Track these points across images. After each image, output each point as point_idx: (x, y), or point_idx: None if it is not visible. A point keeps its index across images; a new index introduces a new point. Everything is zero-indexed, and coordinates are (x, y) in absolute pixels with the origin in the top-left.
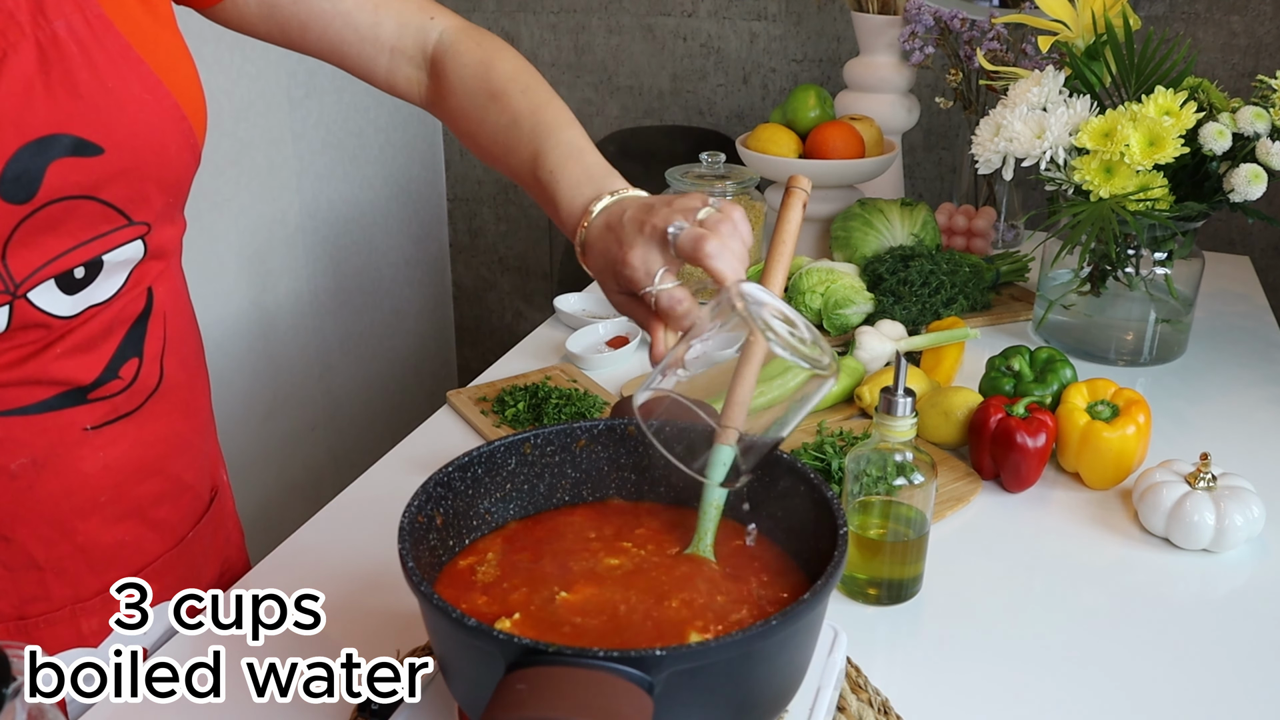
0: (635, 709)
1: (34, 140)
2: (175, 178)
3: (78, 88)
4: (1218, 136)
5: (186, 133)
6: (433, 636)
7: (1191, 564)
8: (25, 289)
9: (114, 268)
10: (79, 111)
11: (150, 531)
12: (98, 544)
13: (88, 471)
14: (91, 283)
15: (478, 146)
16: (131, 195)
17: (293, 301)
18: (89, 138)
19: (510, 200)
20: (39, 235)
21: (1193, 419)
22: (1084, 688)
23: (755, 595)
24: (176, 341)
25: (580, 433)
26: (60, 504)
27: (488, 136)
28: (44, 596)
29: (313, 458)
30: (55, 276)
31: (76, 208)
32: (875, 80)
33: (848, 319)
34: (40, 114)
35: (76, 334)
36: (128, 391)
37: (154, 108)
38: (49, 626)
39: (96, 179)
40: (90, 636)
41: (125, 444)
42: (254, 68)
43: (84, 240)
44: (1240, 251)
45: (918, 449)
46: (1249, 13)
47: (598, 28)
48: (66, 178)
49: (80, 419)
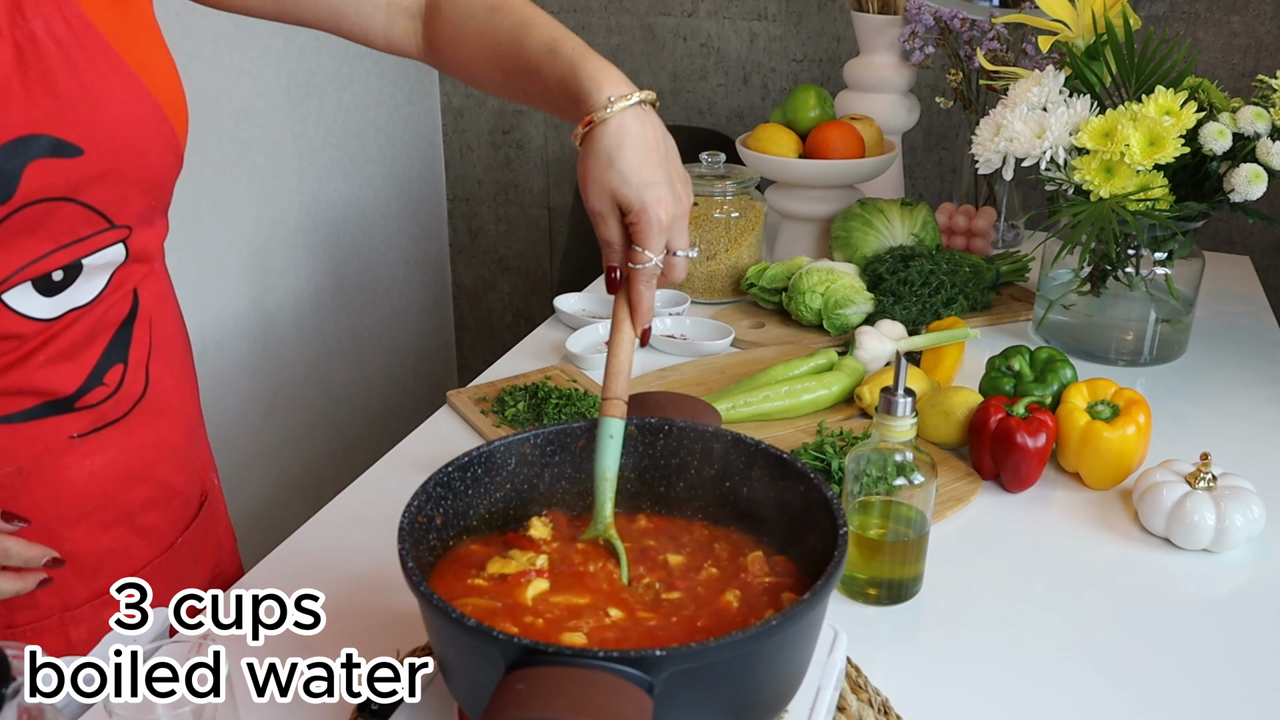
0: (635, 709)
1: (11, 140)
2: (157, 180)
3: (56, 88)
4: (1218, 136)
5: (168, 134)
6: (433, 636)
7: (1192, 564)
8: (1, 290)
9: (94, 270)
10: (57, 112)
11: (138, 538)
12: (86, 552)
13: (74, 479)
14: (70, 285)
15: (480, 64)
16: (112, 197)
17: (293, 301)
18: (68, 138)
19: (510, 200)
20: (17, 237)
21: (1193, 419)
22: (1084, 687)
23: (754, 595)
24: (163, 347)
25: (580, 433)
26: (47, 512)
27: (492, 43)
28: (32, 605)
29: (312, 458)
30: (33, 279)
31: (56, 210)
32: (875, 80)
33: (848, 319)
34: (17, 114)
35: (59, 340)
36: (113, 399)
37: (135, 108)
38: (37, 635)
39: (76, 181)
40: (79, 645)
41: (112, 451)
42: (254, 68)
43: (64, 244)
44: (1240, 251)
45: (918, 449)
46: (1249, 13)
47: (598, 28)
48: (45, 179)
49: (66, 427)
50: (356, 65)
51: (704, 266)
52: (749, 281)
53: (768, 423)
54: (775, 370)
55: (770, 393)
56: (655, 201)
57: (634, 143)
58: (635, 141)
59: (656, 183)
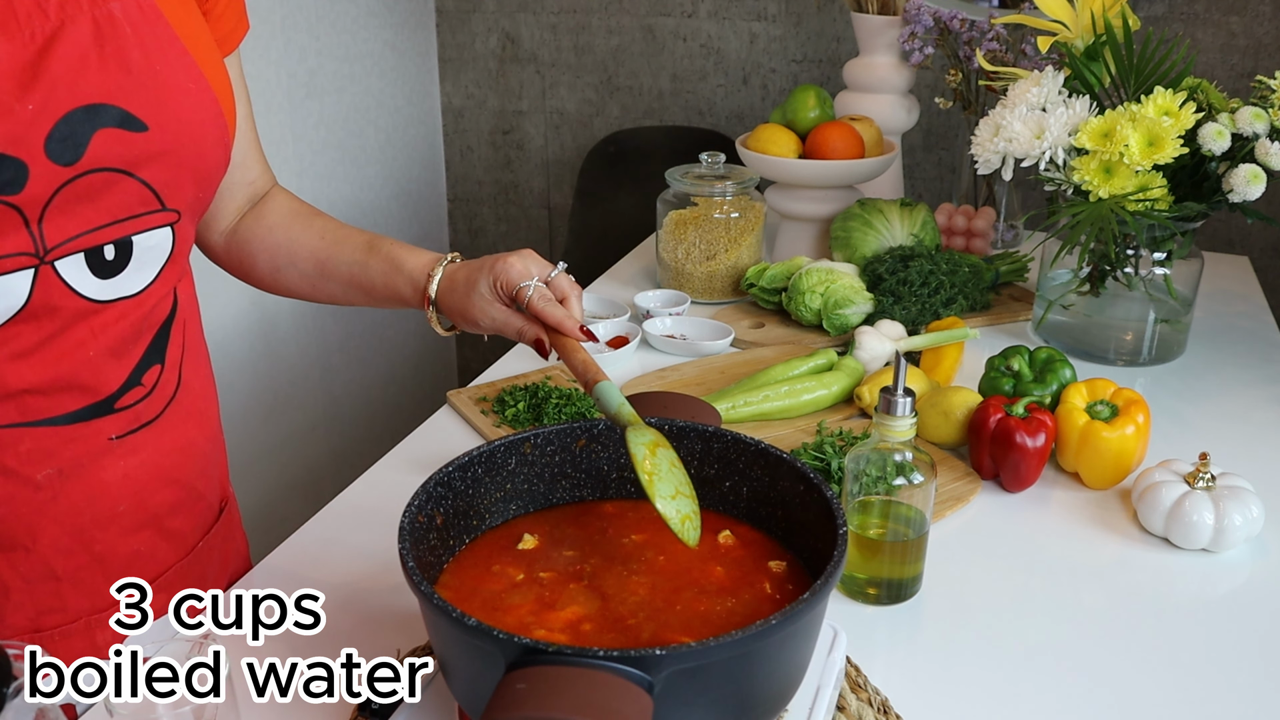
0: (635, 709)
1: (84, 106)
2: (208, 170)
3: (129, 64)
4: (1217, 137)
5: (222, 127)
6: (433, 636)
7: (1191, 564)
8: (54, 256)
9: (144, 255)
10: (129, 86)
11: (164, 541)
12: (115, 554)
13: (109, 481)
14: (122, 270)
15: (298, 252)
16: (167, 179)
17: (293, 302)
18: (136, 113)
19: (510, 200)
20: (77, 204)
21: (1192, 419)
22: (1083, 687)
23: (755, 594)
24: (193, 349)
25: (580, 433)
26: (82, 514)
27: (315, 236)
28: (60, 608)
29: (313, 458)
30: (85, 251)
31: (115, 181)
32: (875, 80)
33: (847, 319)
34: (93, 82)
35: (109, 334)
36: (148, 399)
37: (196, 97)
38: (64, 639)
39: (137, 155)
40: (105, 648)
41: (145, 453)
42: (254, 68)
43: (119, 218)
44: (1240, 251)
45: (917, 449)
46: (1248, 13)
47: (598, 28)
48: (110, 149)
49: (106, 429)
50: (357, 65)
51: (704, 266)
52: (749, 282)
53: (768, 423)
54: (775, 370)
55: (770, 393)
56: (500, 273)
57: (458, 282)
58: (459, 281)
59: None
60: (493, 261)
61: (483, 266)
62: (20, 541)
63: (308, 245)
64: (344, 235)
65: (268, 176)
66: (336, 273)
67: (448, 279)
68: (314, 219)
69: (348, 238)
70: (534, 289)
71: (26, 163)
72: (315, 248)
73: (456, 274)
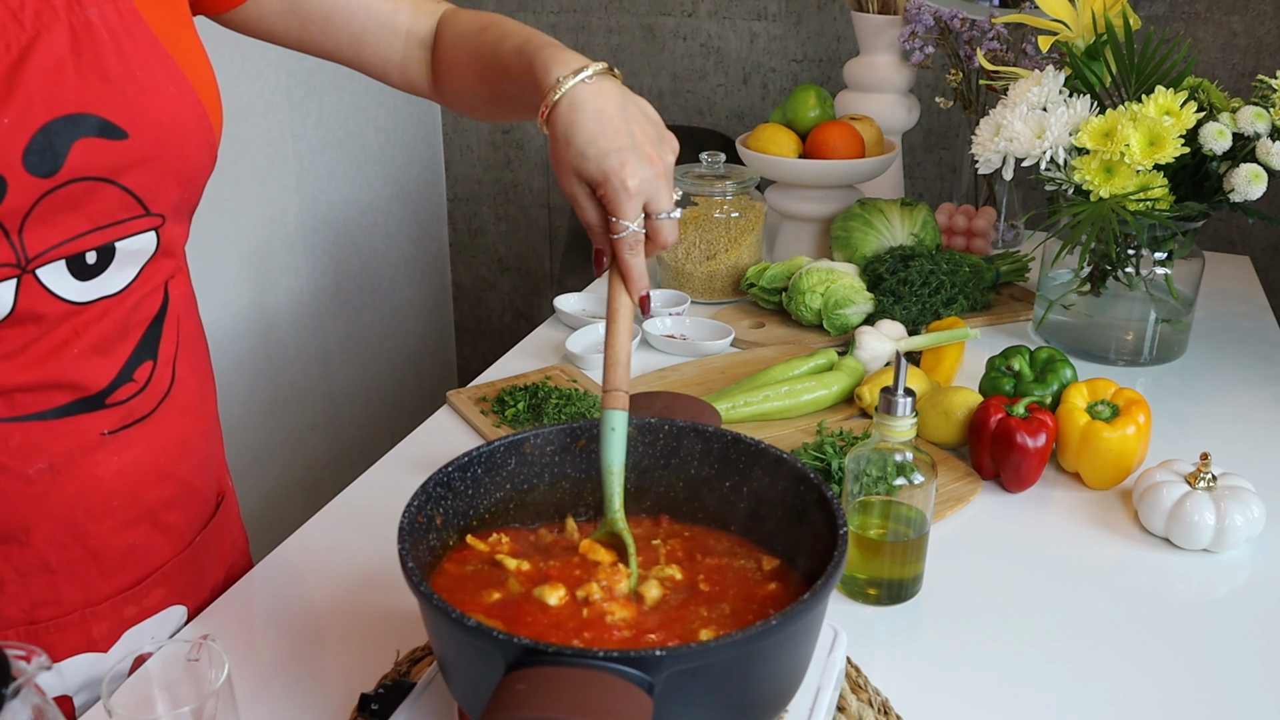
0: (635, 709)
1: (62, 116)
2: (193, 172)
3: (107, 72)
4: (1218, 136)
5: (206, 130)
6: (433, 636)
7: (1191, 564)
8: (35, 265)
9: (126, 258)
10: (107, 94)
11: (160, 536)
12: (109, 548)
13: (102, 476)
14: (103, 271)
15: (471, 85)
16: (150, 184)
17: (293, 301)
18: (115, 121)
19: (510, 200)
20: (57, 213)
21: (1193, 419)
22: (1083, 687)
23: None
24: (188, 344)
25: (580, 433)
26: (75, 508)
27: (477, 60)
28: (55, 600)
29: (313, 457)
30: (67, 258)
31: (96, 190)
32: (875, 80)
33: (848, 319)
34: (70, 92)
35: (92, 332)
36: (141, 395)
37: (178, 100)
38: (59, 631)
39: (119, 163)
40: (100, 641)
41: (139, 448)
42: (254, 68)
43: (101, 225)
44: (1240, 251)
45: (918, 449)
46: (1249, 13)
47: (598, 27)
48: (90, 158)
49: (97, 424)
50: None
51: (704, 266)
52: (749, 281)
53: (768, 423)
54: (775, 370)
55: (770, 393)
56: (617, 168)
57: (587, 115)
58: (589, 114)
59: (616, 149)
60: (599, 163)
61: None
62: (14, 535)
63: (475, 75)
64: (500, 47)
65: (424, 9)
66: (499, 78)
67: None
68: (476, 44)
69: (502, 46)
70: (629, 233)
71: (4, 176)
72: (479, 72)
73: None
